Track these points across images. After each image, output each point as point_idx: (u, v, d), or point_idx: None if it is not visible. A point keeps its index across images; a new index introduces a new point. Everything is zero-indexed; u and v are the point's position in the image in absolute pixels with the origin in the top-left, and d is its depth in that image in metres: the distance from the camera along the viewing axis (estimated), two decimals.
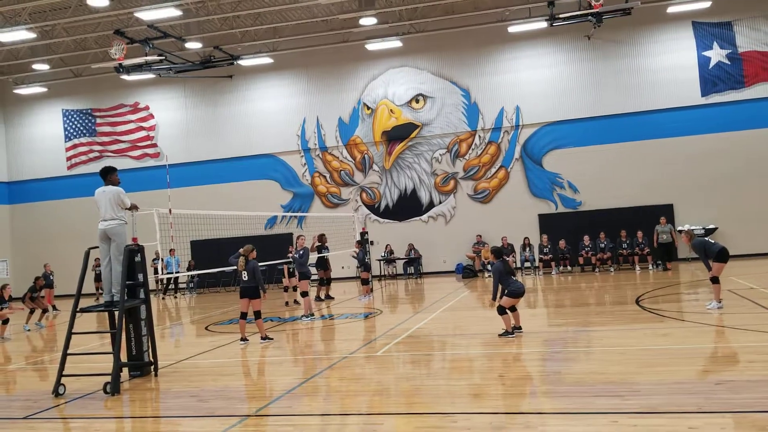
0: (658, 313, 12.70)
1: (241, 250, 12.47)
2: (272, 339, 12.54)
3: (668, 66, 25.08)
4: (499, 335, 11.19)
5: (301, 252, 16.22)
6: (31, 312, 18.58)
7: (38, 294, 19.15)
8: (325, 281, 19.76)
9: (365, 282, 20.09)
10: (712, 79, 24.79)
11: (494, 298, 11.25)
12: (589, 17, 22.15)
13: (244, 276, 12.33)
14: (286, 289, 20.14)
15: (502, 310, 11.24)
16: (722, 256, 12.35)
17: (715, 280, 12.54)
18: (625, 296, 16.06)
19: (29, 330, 17.71)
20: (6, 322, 16.37)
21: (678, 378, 7.63)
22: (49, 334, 17.14)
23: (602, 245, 23.65)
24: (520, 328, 11.44)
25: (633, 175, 25.10)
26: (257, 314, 12.48)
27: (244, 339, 12.36)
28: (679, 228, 24.54)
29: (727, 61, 24.63)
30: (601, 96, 25.68)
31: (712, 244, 12.56)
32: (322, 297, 19.51)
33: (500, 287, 11.21)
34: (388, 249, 26.97)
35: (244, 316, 12.49)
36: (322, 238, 19.29)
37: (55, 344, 14.93)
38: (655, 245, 22.54)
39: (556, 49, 26.24)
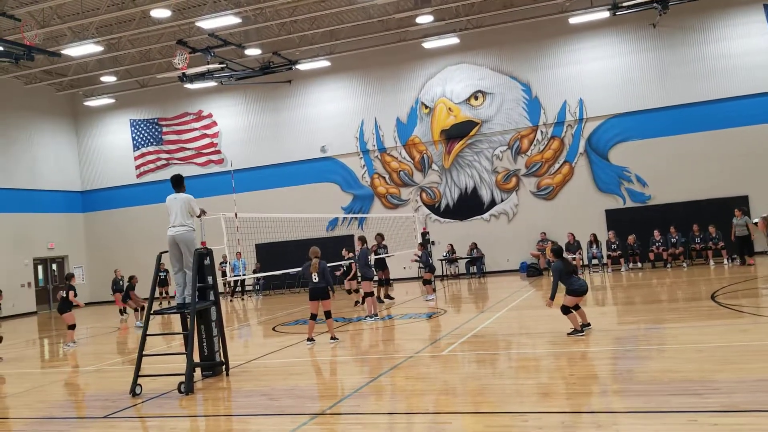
0: (736, 309, 12.22)
1: (311, 253, 12.56)
2: (338, 339, 12.62)
3: (739, 52, 24.12)
4: (568, 334, 10.97)
5: (359, 253, 16.29)
6: (139, 309, 19.21)
7: (133, 292, 19.76)
8: (384, 281, 19.55)
9: (427, 282, 19.94)
10: None
11: (552, 298, 11.12)
12: (654, 4, 21.55)
13: (315, 277, 12.37)
14: (349, 291, 20.30)
15: (566, 310, 11.07)
16: None
17: None
18: (700, 292, 15.52)
19: (141, 326, 18.20)
20: (72, 327, 15.69)
21: (760, 375, 7.31)
22: (121, 336, 17.68)
23: (673, 240, 22.92)
24: (588, 324, 11.21)
25: (704, 166, 24.24)
26: (328, 314, 12.57)
27: (311, 339, 12.48)
28: (755, 219, 23.62)
29: None
30: (668, 86, 24.91)
31: None
32: (382, 298, 19.30)
33: (558, 286, 11.03)
34: (449, 249, 26.82)
35: (314, 317, 12.57)
36: (378, 238, 19.23)
37: (125, 347, 15.40)
38: (732, 239, 21.61)
39: (620, 39, 25.59)
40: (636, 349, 9.83)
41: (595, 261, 24.04)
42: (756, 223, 21.55)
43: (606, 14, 23.53)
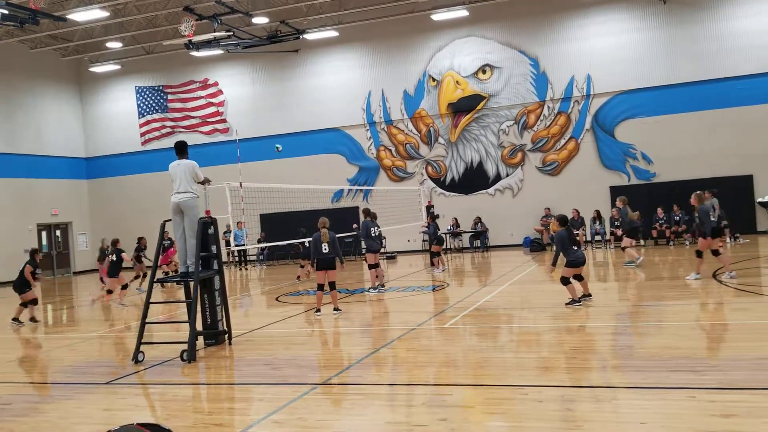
0: (737, 288, 12.25)
1: (320, 224, 12.54)
2: (341, 310, 12.68)
3: (749, 30, 23.84)
4: (566, 304, 11.20)
5: (362, 225, 16.27)
6: (142, 276, 19.34)
7: (144, 255, 19.85)
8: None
9: (436, 254, 19.88)
10: None
11: (553, 264, 11.51)
12: None
13: (325, 248, 12.30)
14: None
15: (565, 281, 11.36)
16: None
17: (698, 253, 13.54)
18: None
19: (143, 291, 18.46)
20: (125, 287, 17.05)
21: (759, 354, 7.36)
22: (113, 305, 17.81)
23: (677, 218, 22.89)
24: (589, 295, 11.49)
25: (710, 145, 24.12)
26: (332, 285, 12.55)
27: (319, 310, 12.49)
28: (760, 199, 23.57)
29: None
30: (677, 63, 24.68)
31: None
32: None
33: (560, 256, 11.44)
34: (454, 222, 26.85)
35: (321, 287, 12.49)
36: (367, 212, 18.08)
37: (132, 314, 15.53)
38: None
39: (630, 14, 25.31)
40: (636, 325, 9.88)
41: (598, 237, 24.06)
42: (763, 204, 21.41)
43: None
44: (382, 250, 20.85)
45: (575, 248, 11.43)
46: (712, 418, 5.42)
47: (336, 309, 12.55)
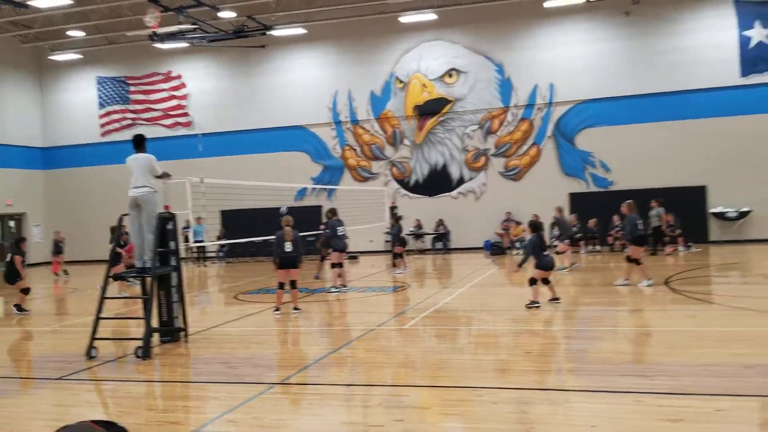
0: (687, 295, 12.57)
1: (284, 222, 12.50)
2: (301, 310, 12.63)
3: (707, 45, 24.45)
4: (527, 306, 11.45)
5: (329, 224, 16.25)
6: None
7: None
8: (324, 259, 18.63)
9: (398, 256, 19.92)
10: (752, 59, 24.12)
11: (521, 265, 12.29)
12: None
13: (288, 246, 12.26)
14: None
15: (533, 282, 11.75)
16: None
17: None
18: (655, 277, 15.87)
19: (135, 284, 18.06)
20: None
21: (706, 360, 7.57)
22: (73, 298, 17.48)
23: None
24: (558, 298, 11.89)
25: (667, 155, 24.67)
26: (293, 284, 12.46)
27: (278, 309, 12.40)
28: (712, 210, 24.18)
29: None
30: (637, 74, 25.18)
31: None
32: (319, 276, 18.34)
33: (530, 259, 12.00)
34: (417, 224, 26.96)
35: (282, 286, 12.42)
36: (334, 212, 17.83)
37: (82, 309, 15.24)
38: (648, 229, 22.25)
39: (593, 25, 25.75)
40: (590, 329, 10.08)
41: (555, 242, 24.37)
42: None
43: (581, 0, 23.59)
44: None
45: (545, 253, 11.89)
46: (660, 423, 5.57)
47: (296, 308, 12.49)
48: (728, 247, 22.70)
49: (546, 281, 11.89)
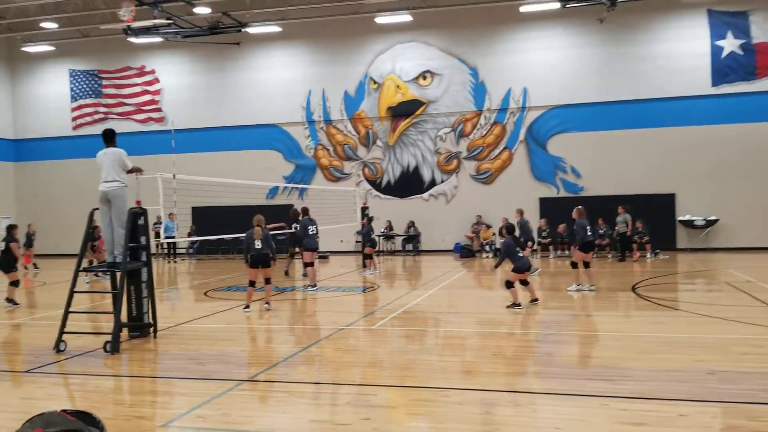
0: (654, 302, 12.80)
1: (255, 221, 12.59)
2: (270, 308, 12.62)
3: (680, 54, 24.91)
4: (507, 307, 11.76)
5: (301, 223, 16.27)
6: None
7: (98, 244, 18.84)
8: (292, 255, 18.80)
9: (368, 257, 19.99)
10: (723, 69, 24.61)
11: (496, 267, 12.67)
12: (603, 0, 21.95)
13: (258, 244, 12.36)
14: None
15: (509, 284, 11.93)
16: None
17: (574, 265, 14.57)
18: (622, 283, 16.16)
19: (88, 282, 17.83)
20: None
21: (670, 366, 7.74)
22: (42, 292, 17.25)
23: (601, 231, 23.67)
24: (536, 300, 12.14)
25: (637, 162, 25.07)
26: (267, 281, 12.63)
27: (248, 306, 12.42)
28: (681, 217, 24.62)
29: (740, 52, 24.43)
30: (609, 81, 25.56)
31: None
32: (288, 271, 18.34)
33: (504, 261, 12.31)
34: (387, 225, 27.03)
35: (252, 284, 12.52)
36: (296, 212, 18.20)
37: (51, 302, 15.05)
38: (615, 235, 22.72)
39: (568, 31, 26.07)
40: (557, 333, 10.22)
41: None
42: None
43: (557, 6, 23.84)
44: None
45: (520, 255, 12.04)
46: (624, 426, 5.69)
47: (266, 303, 12.58)
48: (695, 255, 23.14)
49: (524, 283, 12.07)
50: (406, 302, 13.43)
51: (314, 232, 16.00)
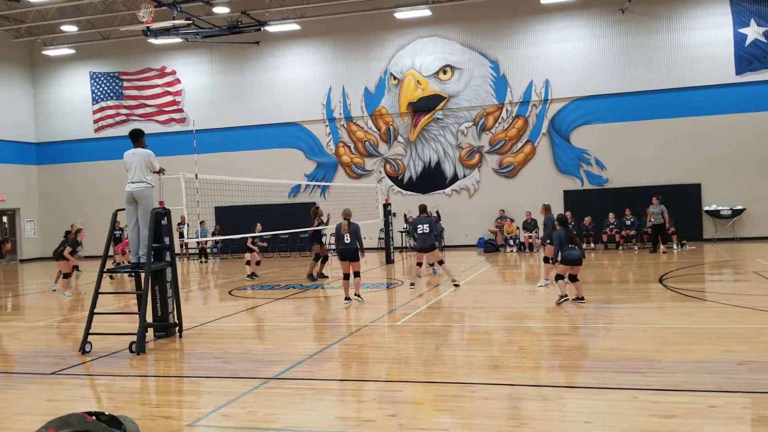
0: (681, 293, 12.61)
1: (343, 214, 12.93)
2: (362, 300, 12.89)
3: (703, 42, 24.53)
4: (557, 303, 11.50)
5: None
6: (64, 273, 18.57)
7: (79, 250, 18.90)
8: (319, 257, 17.55)
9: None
10: (747, 57, 24.20)
11: (554, 261, 12.07)
12: None
13: (346, 238, 12.65)
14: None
15: (558, 277, 11.69)
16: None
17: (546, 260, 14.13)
18: (649, 275, 15.95)
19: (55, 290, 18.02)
20: (68, 276, 16.33)
21: (700, 357, 7.59)
22: (76, 293, 17.43)
23: (628, 222, 23.41)
24: (582, 298, 11.71)
25: (661, 153, 24.74)
26: (357, 274, 12.85)
27: (347, 299, 12.75)
28: (707, 207, 24.25)
29: (763, 39, 24.01)
30: (632, 72, 25.23)
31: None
32: (314, 276, 17.33)
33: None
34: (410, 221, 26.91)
35: (347, 277, 12.85)
36: (316, 211, 17.80)
37: (77, 304, 15.21)
38: (648, 227, 22.35)
39: (589, 22, 25.77)
40: (585, 326, 10.09)
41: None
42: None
43: None
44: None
45: (570, 246, 11.76)
46: (654, 419, 5.58)
47: (357, 295, 12.85)
48: (722, 245, 22.79)
49: (573, 278, 11.77)
50: (430, 298, 13.36)
51: (425, 231, 14.73)
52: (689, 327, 9.54)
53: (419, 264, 15.43)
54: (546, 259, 14.32)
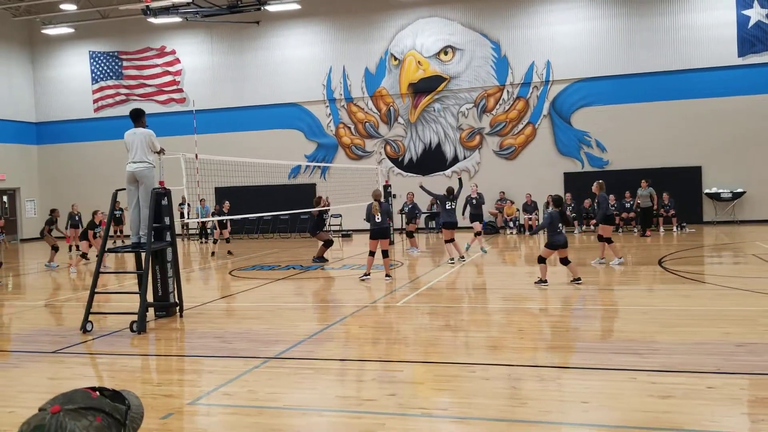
0: (680, 275, 12.65)
1: (373, 195, 13.23)
2: (391, 278, 13.18)
3: (705, 24, 24.36)
4: (535, 283, 11.63)
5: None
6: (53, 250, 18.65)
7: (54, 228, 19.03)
8: (331, 243, 17.79)
9: (410, 234, 19.91)
10: (750, 39, 24.05)
11: (533, 233, 12.18)
12: None
13: (378, 218, 12.91)
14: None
15: (541, 260, 11.72)
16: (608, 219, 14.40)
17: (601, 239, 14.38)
18: (648, 257, 15.98)
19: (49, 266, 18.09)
20: (85, 255, 17.17)
21: (698, 339, 7.64)
22: (66, 273, 17.48)
23: (628, 205, 23.41)
24: (579, 279, 11.71)
25: (662, 135, 24.68)
26: (385, 253, 13.14)
27: (367, 275, 13.14)
28: (707, 190, 24.24)
29: (767, 21, 23.85)
30: (634, 53, 25.09)
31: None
32: (323, 258, 17.31)
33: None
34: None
35: (373, 254, 13.18)
36: (319, 200, 18.32)
37: (77, 283, 15.26)
38: (636, 209, 22.40)
39: (591, 3, 25.58)
40: (584, 308, 10.14)
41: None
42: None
43: None
44: (338, 229, 20.80)
45: (559, 230, 11.69)
46: (652, 399, 5.62)
47: (387, 275, 13.14)
48: (722, 228, 22.81)
49: (565, 262, 11.75)
50: (430, 279, 13.40)
51: (452, 207, 15.90)
52: (688, 309, 9.58)
53: (452, 240, 15.80)
54: (600, 237, 14.47)
